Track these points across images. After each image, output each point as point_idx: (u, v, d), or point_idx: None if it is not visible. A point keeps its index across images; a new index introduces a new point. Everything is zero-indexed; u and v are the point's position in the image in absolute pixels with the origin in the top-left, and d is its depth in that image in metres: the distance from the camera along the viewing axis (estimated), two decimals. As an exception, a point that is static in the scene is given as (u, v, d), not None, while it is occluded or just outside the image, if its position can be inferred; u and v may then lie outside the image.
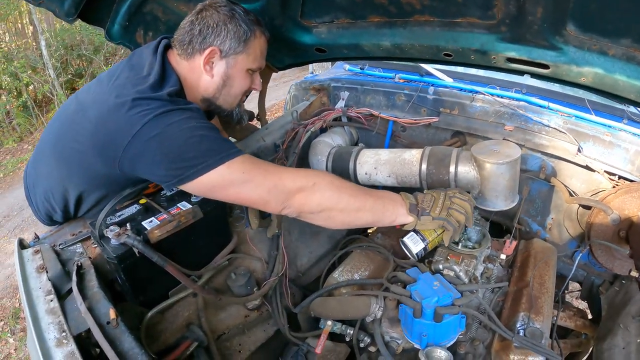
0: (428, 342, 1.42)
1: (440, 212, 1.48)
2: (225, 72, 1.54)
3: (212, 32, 1.47)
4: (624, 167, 1.73)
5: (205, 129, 1.35)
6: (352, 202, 1.45)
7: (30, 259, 1.49)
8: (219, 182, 1.33)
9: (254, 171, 1.36)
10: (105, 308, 1.22)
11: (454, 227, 1.47)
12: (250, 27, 1.50)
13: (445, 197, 1.51)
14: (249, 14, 1.51)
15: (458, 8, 1.39)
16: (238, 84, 1.59)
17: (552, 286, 1.69)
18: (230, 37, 1.48)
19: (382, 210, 1.49)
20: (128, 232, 1.39)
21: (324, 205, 1.43)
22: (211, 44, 1.47)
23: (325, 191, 1.42)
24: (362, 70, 2.50)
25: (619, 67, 1.24)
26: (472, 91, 2.10)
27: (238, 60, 1.53)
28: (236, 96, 1.63)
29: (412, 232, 1.57)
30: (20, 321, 4.57)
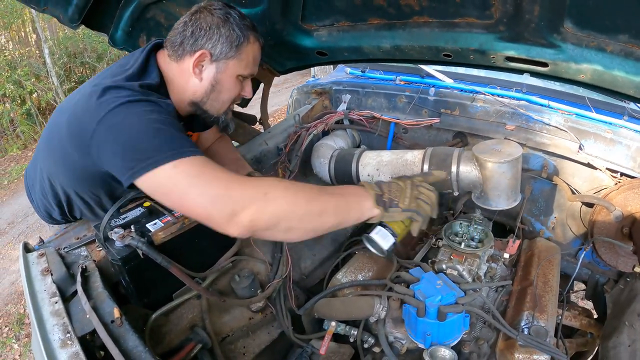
0: (432, 341, 1.42)
1: (410, 203, 1.36)
2: (214, 77, 1.49)
3: (204, 34, 1.43)
4: (626, 164, 1.73)
5: (166, 123, 1.26)
6: (311, 207, 1.26)
7: (35, 262, 1.50)
8: (164, 183, 1.19)
9: (201, 176, 1.18)
10: (110, 307, 1.23)
11: (424, 217, 1.38)
12: (244, 32, 1.46)
13: (412, 187, 1.40)
14: (244, 18, 1.48)
15: (456, 8, 1.40)
16: (227, 90, 1.54)
17: (556, 285, 1.69)
18: (222, 41, 1.44)
19: (346, 209, 1.33)
20: (132, 234, 1.40)
21: (280, 217, 1.22)
22: (202, 47, 1.44)
23: (279, 200, 1.21)
24: (363, 73, 2.52)
25: (618, 63, 1.25)
26: (473, 91, 2.11)
27: (229, 65, 1.49)
28: (224, 102, 1.57)
29: (378, 226, 1.43)
30: (25, 327, 4.59)
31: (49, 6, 1.57)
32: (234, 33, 1.44)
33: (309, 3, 1.56)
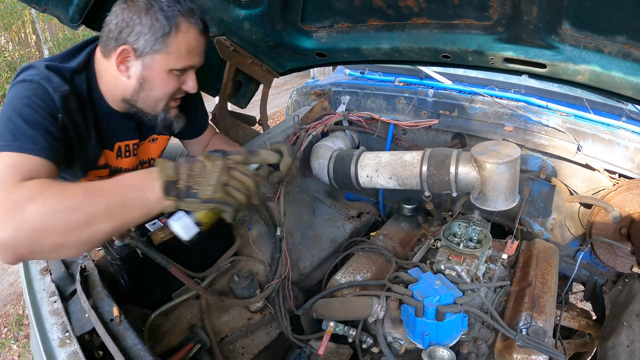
0: (430, 341, 1.42)
1: (214, 192, 1.07)
2: (141, 74, 1.35)
3: (126, 27, 1.28)
4: (624, 164, 1.74)
5: (28, 113, 1.14)
6: (73, 218, 0.98)
7: (34, 261, 1.51)
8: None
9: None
10: (109, 306, 1.24)
11: (233, 209, 1.13)
12: (171, 20, 1.28)
13: (222, 171, 1.09)
14: (178, 3, 1.30)
15: (455, 10, 1.41)
16: (158, 87, 1.39)
17: (555, 286, 1.69)
18: (145, 32, 1.28)
19: (122, 210, 1.04)
20: (132, 234, 1.41)
21: (39, 235, 0.96)
22: (125, 42, 1.30)
23: (35, 215, 0.95)
24: (363, 74, 2.52)
25: (615, 64, 1.26)
26: (472, 93, 2.12)
27: (156, 60, 1.33)
28: (158, 100, 1.43)
29: (179, 211, 1.15)
30: (24, 328, 4.57)
31: (49, 6, 1.57)
32: (158, 23, 1.28)
33: (309, 4, 1.57)
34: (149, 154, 1.70)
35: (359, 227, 2.31)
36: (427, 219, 2.25)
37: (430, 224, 2.20)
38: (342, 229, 2.25)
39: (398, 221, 2.23)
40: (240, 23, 1.71)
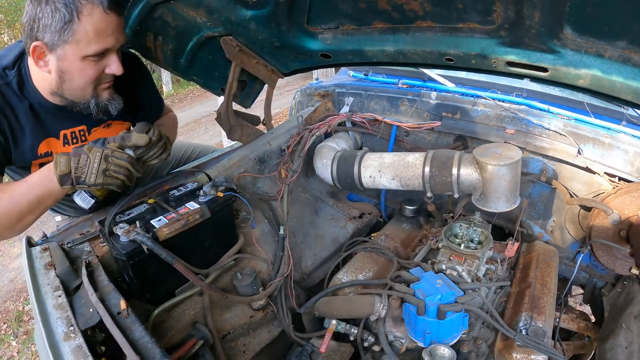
0: (431, 339, 1.44)
1: (96, 178, 1.37)
2: (58, 67, 1.37)
3: (34, 22, 1.28)
4: (624, 168, 1.76)
5: None
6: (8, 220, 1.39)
7: (38, 256, 1.52)
8: None
9: None
10: (116, 299, 1.25)
11: (117, 185, 1.44)
12: (70, 6, 1.26)
13: (101, 159, 1.36)
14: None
15: (459, 14, 1.42)
16: (78, 76, 1.41)
17: (554, 287, 1.71)
18: (49, 25, 1.27)
19: (38, 203, 1.40)
20: (137, 230, 1.43)
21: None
22: (36, 38, 1.30)
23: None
24: (366, 76, 2.54)
25: (616, 68, 1.27)
26: (474, 96, 2.14)
27: (67, 51, 1.34)
28: (83, 87, 1.45)
29: None
30: (24, 324, 4.58)
31: None
32: (59, 12, 1.27)
33: (315, 6, 1.59)
34: None
35: (360, 228, 2.33)
36: (428, 220, 2.27)
37: (432, 225, 2.22)
38: (344, 229, 2.28)
39: (400, 222, 2.25)
40: (246, 23, 1.72)
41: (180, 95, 12.63)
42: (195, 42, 1.85)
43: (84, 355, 1.11)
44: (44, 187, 1.39)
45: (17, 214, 1.38)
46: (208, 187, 1.67)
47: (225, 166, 1.97)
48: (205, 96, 11.86)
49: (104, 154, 1.37)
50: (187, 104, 11.76)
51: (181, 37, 1.82)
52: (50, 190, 1.40)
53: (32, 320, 4.63)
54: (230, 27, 1.77)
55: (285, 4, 1.57)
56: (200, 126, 9.75)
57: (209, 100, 11.09)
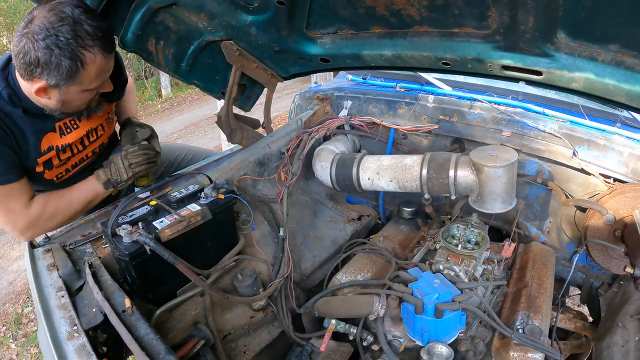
0: (429, 338, 1.47)
1: (127, 174, 1.71)
2: (60, 98, 1.50)
3: (35, 66, 1.38)
4: (619, 169, 1.79)
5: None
6: (65, 220, 1.73)
7: (41, 257, 1.54)
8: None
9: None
10: (121, 298, 1.27)
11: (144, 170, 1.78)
12: (75, 57, 1.39)
13: (122, 160, 1.71)
14: (77, 36, 1.38)
15: (455, 19, 1.45)
16: (78, 102, 1.58)
17: (551, 287, 1.74)
18: (54, 74, 1.40)
19: (89, 203, 1.77)
20: (140, 231, 1.45)
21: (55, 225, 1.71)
22: (39, 77, 1.41)
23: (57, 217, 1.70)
24: (365, 80, 2.57)
25: (609, 71, 1.30)
26: (471, 99, 2.16)
27: (70, 89, 1.48)
28: (79, 106, 1.62)
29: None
30: (23, 327, 4.58)
31: None
32: (63, 65, 1.39)
33: (314, 11, 1.61)
34: (95, 122, 1.86)
35: (359, 230, 2.35)
36: (426, 221, 2.29)
37: (430, 226, 2.25)
38: (342, 231, 2.30)
39: (398, 224, 2.28)
40: (247, 28, 1.75)
41: (179, 99, 12.65)
42: (196, 46, 1.88)
43: (88, 354, 1.14)
44: (94, 192, 1.76)
45: (73, 214, 1.75)
46: (209, 189, 1.69)
47: (225, 169, 2.00)
48: (204, 100, 11.89)
49: (122, 155, 1.73)
50: (185, 107, 11.78)
51: (182, 41, 1.85)
52: (98, 194, 1.77)
53: (31, 323, 4.62)
54: (231, 31, 1.80)
55: (285, 9, 1.60)
56: (199, 129, 9.77)
57: (208, 104, 11.12)
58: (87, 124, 1.82)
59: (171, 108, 11.93)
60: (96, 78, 1.51)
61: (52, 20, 1.36)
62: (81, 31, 1.39)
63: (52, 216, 1.68)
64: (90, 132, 1.84)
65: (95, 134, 1.88)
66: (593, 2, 1.13)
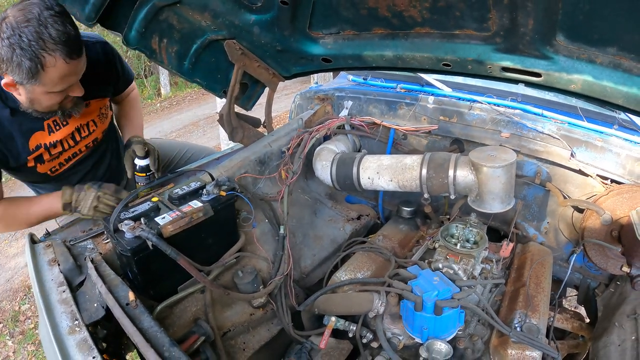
0: (429, 335, 1.48)
1: (87, 211, 1.68)
2: (27, 96, 1.56)
3: (1, 62, 1.44)
4: (616, 170, 1.81)
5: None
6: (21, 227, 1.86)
7: (41, 253, 1.56)
8: None
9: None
10: (124, 291, 1.29)
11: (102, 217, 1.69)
12: (35, 60, 1.42)
13: (93, 199, 1.68)
14: (39, 39, 1.41)
15: (456, 21, 1.48)
16: (45, 102, 1.62)
17: (548, 286, 1.75)
18: (17, 71, 1.44)
19: (45, 218, 1.82)
20: (142, 226, 1.46)
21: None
22: (5, 72, 1.47)
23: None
24: (365, 80, 2.59)
25: (607, 74, 1.33)
26: (470, 100, 2.19)
27: (35, 88, 1.52)
28: (50, 107, 1.67)
29: None
30: (20, 324, 4.58)
31: (66, 3, 1.59)
32: (23, 65, 1.42)
33: (317, 12, 1.63)
34: (86, 117, 1.92)
35: (358, 229, 2.37)
36: (425, 221, 2.31)
37: (429, 226, 2.26)
38: (342, 230, 2.32)
39: (397, 223, 2.30)
40: (250, 27, 1.77)
41: (178, 98, 12.67)
42: (199, 44, 1.90)
43: (89, 348, 1.15)
44: (51, 210, 1.79)
45: (27, 224, 1.84)
46: (211, 186, 1.71)
47: (226, 167, 2.01)
48: (203, 99, 11.90)
49: (97, 194, 1.69)
50: (184, 107, 11.79)
51: (185, 39, 1.87)
52: (55, 213, 1.80)
53: (29, 320, 4.63)
54: (234, 30, 1.82)
55: (288, 9, 1.62)
56: (198, 129, 9.79)
57: (207, 103, 11.14)
58: (77, 120, 1.87)
59: (170, 107, 11.94)
60: (60, 81, 1.54)
61: (19, 20, 1.40)
62: (44, 34, 1.42)
63: (8, 222, 1.82)
64: (80, 128, 1.88)
65: (86, 129, 1.92)
66: (591, 6, 1.16)
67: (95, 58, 1.81)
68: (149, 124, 10.62)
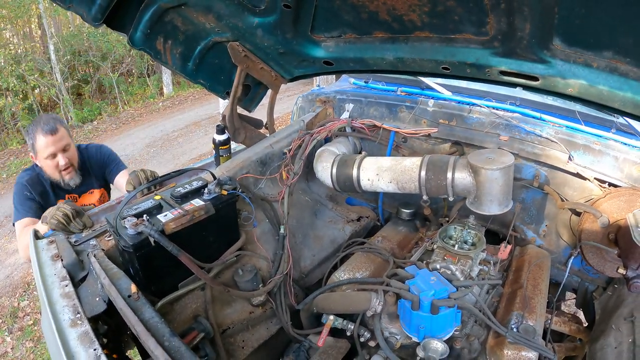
0: (425, 334, 1.50)
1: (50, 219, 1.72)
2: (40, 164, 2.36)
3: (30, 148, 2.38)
4: (613, 174, 1.83)
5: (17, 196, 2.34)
6: None
7: (45, 248, 1.58)
8: None
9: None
10: (126, 284, 1.31)
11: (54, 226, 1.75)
12: (31, 136, 2.29)
13: (57, 210, 1.76)
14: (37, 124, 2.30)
15: (455, 25, 1.50)
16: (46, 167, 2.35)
17: (546, 289, 1.77)
18: (28, 146, 2.38)
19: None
20: (145, 223, 1.49)
21: None
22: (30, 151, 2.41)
23: None
24: (367, 83, 2.62)
25: (603, 78, 1.35)
26: (470, 104, 2.21)
27: (38, 156, 2.33)
28: (52, 173, 2.37)
29: None
30: (19, 320, 4.61)
31: (73, 4, 1.63)
32: (29, 140, 2.33)
33: (319, 16, 1.66)
34: (89, 201, 2.55)
35: (358, 230, 2.39)
36: (424, 223, 2.33)
37: (427, 228, 2.28)
38: (342, 231, 2.34)
39: (396, 225, 2.32)
40: (253, 30, 1.80)
41: (180, 97, 12.75)
42: (203, 46, 1.94)
43: (90, 341, 1.17)
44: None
45: None
46: (213, 185, 1.73)
47: (228, 167, 2.04)
48: (205, 99, 11.97)
49: (58, 206, 1.79)
50: (187, 106, 11.86)
51: (190, 41, 1.91)
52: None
53: (27, 317, 4.65)
54: (238, 33, 1.85)
55: (291, 12, 1.65)
56: (199, 128, 9.83)
57: (209, 103, 11.21)
58: (82, 201, 2.53)
59: (172, 107, 12.02)
60: (45, 150, 2.28)
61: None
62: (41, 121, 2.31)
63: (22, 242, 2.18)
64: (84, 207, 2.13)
65: None
66: (587, 10, 1.18)
67: (93, 158, 2.59)
68: (151, 123, 10.68)
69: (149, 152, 8.89)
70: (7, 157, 9.92)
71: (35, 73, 11.36)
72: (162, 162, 8.09)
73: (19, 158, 9.63)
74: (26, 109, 11.10)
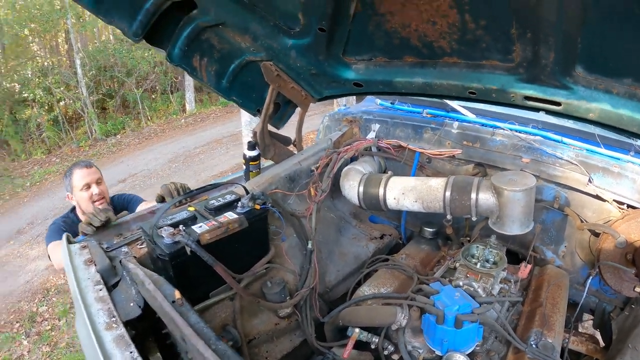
0: (448, 347, 1.54)
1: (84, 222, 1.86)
2: (75, 200, 2.72)
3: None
4: (632, 196, 1.87)
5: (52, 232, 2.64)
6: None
7: (77, 253, 1.63)
8: None
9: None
10: (170, 290, 1.38)
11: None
12: (69, 177, 2.68)
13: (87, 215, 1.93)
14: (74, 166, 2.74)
15: (482, 52, 1.58)
16: (81, 199, 2.67)
17: (564, 307, 1.80)
18: (65, 186, 2.75)
19: None
20: (182, 233, 1.56)
21: None
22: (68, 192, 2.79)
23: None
24: (393, 104, 2.69)
25: (623, 103, 1.41)
26: (493, 126, 2.27)
27: (74, 191, 2.68)
28: (87, 205, 2.66)
29: None
30: (36, 325, 4.69)
31: (115, 19, 1.71)
32: (66, 181, 2.71)
33: (352, 39, 1.75)
34: None
35: (381, 248, 2.44)
36: (446, 242, 2.38)
37: (449, 247, 2.33)
38: (365, 248, 2.40)
39: (419, 243, 2.37)
40: (287, 51, 1.89)
41: (202, 115, 12.96)
42: (237, 64, 2.03)
43: (126, 344, 1.21)
44: None
45: None
46: (246, 199, 1.81)
47: (258, 182, 2.11)
48: (227, 117, 12.16)
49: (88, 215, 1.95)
50: (209, 124, 12.05)
51: (225, 59, 2.00)
52: None
53: (45, 322, 4.74)
54: (272, 53, 1.94)
55: (325, 36, 1.74)
56: (221, 146, 9.97)
57: (231, 122, 11.38)
58: None
59: (194, 123, 12.23)
60: (81, 181, 2.64)
61: None
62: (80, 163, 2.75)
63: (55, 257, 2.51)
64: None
65: None
66: (608, 40, 1.26)
67: (116, 200, 2.92)
68: (173, 139, 10.88)
69: (171, 167, 9.06)
70: (32, 166, 10.20)
71: (62, 86, 11.71)
72: (184, 177, 8.25)
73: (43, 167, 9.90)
74: (51, 120, 11.45)
